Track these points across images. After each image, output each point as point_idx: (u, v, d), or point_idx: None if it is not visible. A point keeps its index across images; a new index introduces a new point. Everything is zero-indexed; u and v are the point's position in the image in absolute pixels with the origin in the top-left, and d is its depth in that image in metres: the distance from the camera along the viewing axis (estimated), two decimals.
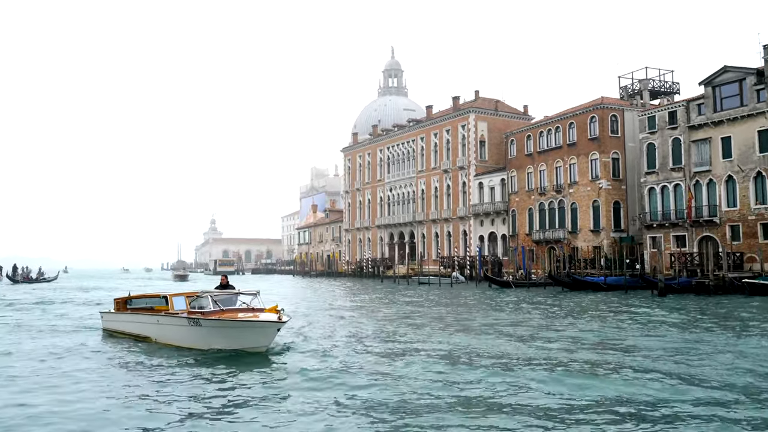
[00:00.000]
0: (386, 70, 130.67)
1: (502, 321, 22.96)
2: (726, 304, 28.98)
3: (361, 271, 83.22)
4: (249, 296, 16.54)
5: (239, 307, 16.01)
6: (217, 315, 15.22)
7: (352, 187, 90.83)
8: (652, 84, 57.26)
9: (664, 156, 47.83)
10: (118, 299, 20.42)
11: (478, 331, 19.72)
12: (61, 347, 16.83)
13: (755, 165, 42.13)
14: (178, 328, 16.06)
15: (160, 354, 15.42)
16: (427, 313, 26.47)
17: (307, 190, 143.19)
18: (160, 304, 17.84)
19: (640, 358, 14.14)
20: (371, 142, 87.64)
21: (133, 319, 18.44)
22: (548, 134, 59.02)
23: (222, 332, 14.92)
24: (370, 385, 11.53)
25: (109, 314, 20.38)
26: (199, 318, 15.29)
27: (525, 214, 61.19)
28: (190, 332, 15.57)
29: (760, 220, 41.65)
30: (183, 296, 17.22)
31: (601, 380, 11.77)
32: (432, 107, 77.75)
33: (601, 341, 17.26)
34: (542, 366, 13.21)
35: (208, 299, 15.86)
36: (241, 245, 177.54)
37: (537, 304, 30.93)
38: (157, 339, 17.01)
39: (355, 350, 16.08)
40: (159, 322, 16.94)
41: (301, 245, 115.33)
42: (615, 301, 31.91)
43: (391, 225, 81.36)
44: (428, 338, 18.06)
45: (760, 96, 42.16)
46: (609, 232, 52.59)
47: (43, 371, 13.37)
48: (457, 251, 68.95)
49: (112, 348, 16.90)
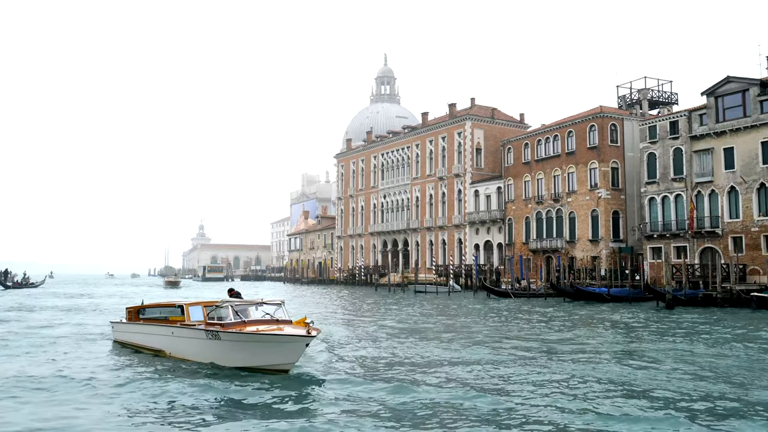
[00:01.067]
0: (379, 77, 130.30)
1: (541, 338, 20.86)
2: (742, 319, 28.21)
3: (353, 279, 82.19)
4: (273, 306, 15.14)
5: (262, 318, 14.63)
6: (238, 327, 13.84)
7: (345, 194, 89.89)
8: (651, 94, 56.93)
9: (665, 166, 47.34)
10: (131, 308, 18.89)
11: (519, 348, 18.24)
12: (67, 365, 15.17)
13: (759, 176, 41.68)
14: (194, 342, 14.64)
15: (173, 371, 13.98)
16: (443, 326, 25.17)
17: (297, 197, 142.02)
18: (175, 314, 16.33)
19: None
20: (365, 148, 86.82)
21: (146, 331, 17.04)
22: (546, 142, 58.46)
23: (243, 347, 13.52)
24: (412, 411, 10.38)
25: (121, 324, 18.94)
26: (218, 330, 13.86)
27: (522, 223, 60.52)
28: (208, 346, 14.15)
29: (763, 232, 41.17)
30: (200, 305, 15.72)
31: None
32: (428, 114, 77.08)
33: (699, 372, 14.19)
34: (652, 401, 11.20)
35: (228, 309, 14.49)
36: (229, 251, 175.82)
37: (555, 318, 29.94)
38: (172, 353, 15.65)
39: (386, 367, 14.76)
40: (174, 334, 15.54)
41: (292, 252, 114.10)
42: (630, 315, 30.39)
43: (384, 232, 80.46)
44: (461, 358, 16.17)
45: (764, 107, 41.79)
46: (608, 242, 52.00)
47: (46, 387, 12.25)
48: (452, 260, 68.12)
49: (121, 363, 15.53)
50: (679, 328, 23.83)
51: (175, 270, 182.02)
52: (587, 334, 22.06)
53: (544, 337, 20.84)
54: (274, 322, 14.34)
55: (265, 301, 15.34)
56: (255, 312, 14.82)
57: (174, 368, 14.22)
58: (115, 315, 31.61)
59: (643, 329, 23.80)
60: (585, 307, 36.58)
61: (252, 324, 14.04)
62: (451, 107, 72.24)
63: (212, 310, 14.83)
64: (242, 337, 13.47)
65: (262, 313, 14.84)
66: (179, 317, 15.95)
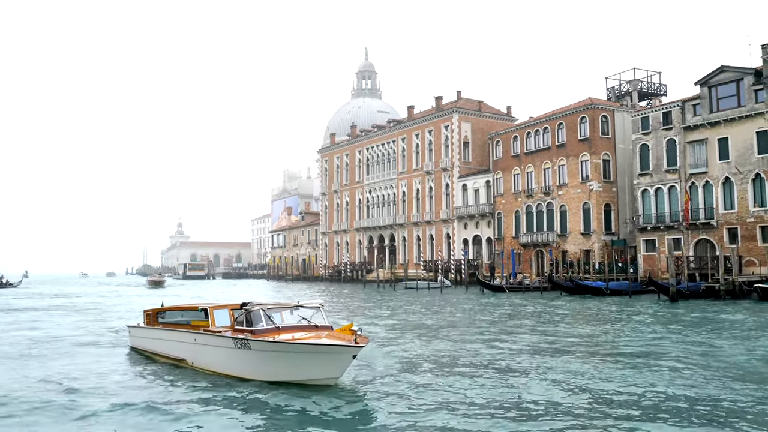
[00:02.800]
0: (360, 71, 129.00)
1: (568, 333, 19.70)
2: (753, 311, 27.54)
3: (339, 276, 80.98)
4: (310, 310, 13.24)
5: (298, 324, 12.75)
6: (272, 335, 12.01)
7: (330, 189, 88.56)
8: (640, 85, 56.49)
9: (658, 157, 46.83)
10: (149, 311, 16.96)
11: (559, 349, 16.98)
12: (82, 377, 13.38)
13: (753, 167, 41.31)
14: (220, 351, 12.81)
15: (195, 384, 12.22)
16: (467, 325, 23.46)
17: (278, 193, 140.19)
18: (198, 319, 14.38)
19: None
20: (349, 143, 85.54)
21: (166, 337, 15.18)
22: (536, 135, 57.75)
23: (278, 358, 11.69)
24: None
25: (138, 329, 17.11)
26: (248, 339, 12.00)
27: (511, 217, 59.79)
28: (237, 356, 12.33)
29: (759, 223, 40.82)
30: (226, 309, 13.89)
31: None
32: (413, 107, 76.02)
33: None
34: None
35: (259, 314, 12.60)
36: (209, 249, 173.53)
37: (568, 313, 29.00)
38: (194, 363, 13.79)
39: (439, 376, 12.82)
40: (196, 341, 13.65)
41: (275, 249, 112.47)
42: (640, 309, 29.28)
43: (370, 228, 79.31)
44: (519, 363, 14.39)
45: (758, 96, 41.40)
46: (600, 235, 51.44)
47: (56, 405, 10.71)
48: (441, 255, 67.23)
49: (136, 374, 13.83)
50: (704, 323, 22.95)
51: (154, 268, 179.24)
52: (625, 332, 20.44)
53: (576, 338, 19.56)
54: (312, 328, 12.58)
55: (302, 304, 13.43)
56: (290, 316, 13.01)
57: (196, 382, 12.48)
58: (114, 315, 30.01)
59: (669, 324, 22.56)
60: (588, 301, 35.70)
61: (287, 331, 12.30)
62: (437, 100, 71.28)
63: (240, 314, 13.09)
64: (277, 347, 11.64)
65: (297, 317, 13.00)
66: (203, 322, 14.03)
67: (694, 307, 29.22)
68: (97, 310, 34.60)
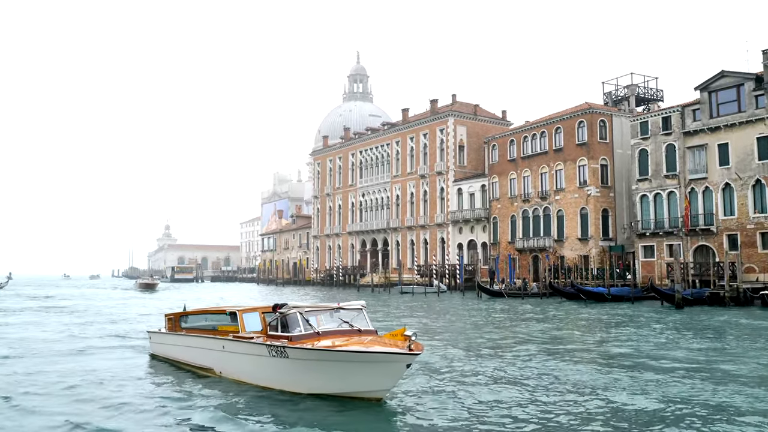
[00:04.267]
0: (351, 75, 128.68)
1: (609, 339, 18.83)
2: (763, 317, 27.24)
3: (331, 280, 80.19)
4: (352, 312, 11.94)
5: (339, 328, 11.54)
6: (311, 341, 10.74)
7: (322, 192, 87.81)
8: (638, 90, 56.40)
9: (657, 162, 46.65)
10: (171, 315, 15.73)
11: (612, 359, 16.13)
12: (95, 389, 12.25)
13: (754, 173, 41.18)
14: (252, 359, 11.58)
15: (224, 397, 11.03)
16: (492, 332, 22.63)
17: (269, 196, 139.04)
18: (225, 323, 13.13)
19: None
20: (343, 145, 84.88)
21: (190, 343, 13.90)
22: (533, 139, 57.44)
23: (321, 368, 10.36)
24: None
25: (159, 335, 15.87)
26: (284, 346, 10.76)
27: (507, 222, 59.41)
28: (272, 366, 11.08)
29: (759, 229, 40.66)
30: (257, 312, 12.73)
31: None
32: (408, 110, 75.53)
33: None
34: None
35: (296, 317, 11.37)
36: (197, 252, 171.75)
37: (583, 319, 28.56)
38: (223, 372, 12.59)
39: (495, 392, 11.60)
40: (225, 348, 12.45)
41: (265, 252, 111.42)
42: (649, 316, 28.58)
43: (363, 231, 78.64)
44: (565, 374, 13.38)
45: (759, 102, 41.31)
46: (597, 241, 51.15)
47: (73, 417, 9.86)
48: (435, 259, 66.72)
49: (158, 384, 12.67)
50: (726, 330, 22.43)
51: (140, 270, 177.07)
52: (656, 342, 19.45)
53: (602, 347, 18.88)
54: (355, 332, 11.36)
55: (343, 306, 12.06)
56: (329, 320, 11.82)
57: (225, 393, 11.30)
58: (120, 319, 28.74)
59: (687, 332, 21.96)
60: (592, 308, 35.15)
61: (328, 336, 11.02)
62: (432, 103, 70.86)
63: (274, 317, 11.84)
64: (319, 355, 10.30)
65: (338, 321, 11.77)
66: (231, 327, 12.76)
67: (704, 314, 28.77)
68: (102, 314, 33.07)
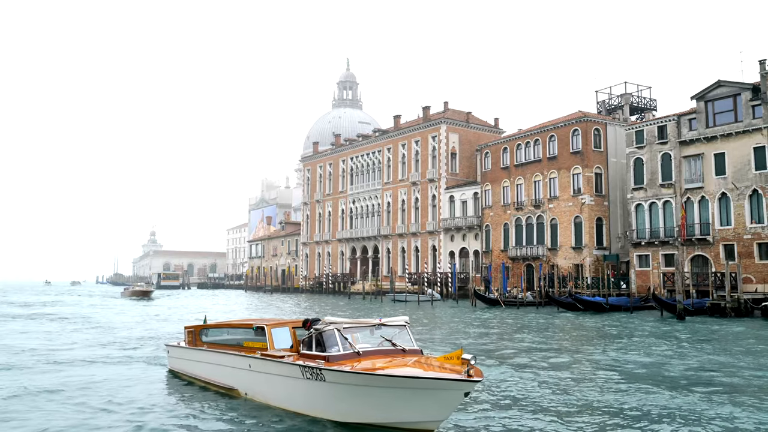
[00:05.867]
0: (341, 81, 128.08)
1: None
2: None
3: (320, 287, 79.21)
4: (395, 328, 10.50)
5: (381, 347, 10.08)
6: (351, 362, 9.43)
7: (312, 199, 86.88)
8: (631, 99, 56.18)
9: (652, 171, 46.28)
10: (191, 327, 14.32)
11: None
12: (108, 409, 11.21)
13: (751, 182, 40.88)
14: (283, 381, 10.25)
15: (251, 421, 9.89)
16: (518, 343, 21.78)
17: (256, 202, 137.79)
18: (251, 339, 11.74)
19: None
20: (333, 152, 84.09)
21: (212, 360, 12.68)
22: (527, 147, 56.98)
23: (364, 394, 8.98)
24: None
25: (178, 349, 14.57)
26: (321, 368, 9.43)
27: (500, 230, 58.83)
28: (306, 389, 9.80)
29: (756, 240, 40.32)
30: (287, 327, 11.34)
31: None
32: (400, 117, 74.91)
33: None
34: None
35: (333, 334, 9.95)
36: (183, 258, 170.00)
37: (594, 330, 27.76)
38: (249, 394, 11.37)
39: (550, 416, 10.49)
40: (251, 367, 11.16)
41: (253, 259, 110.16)
42: (660, 327, 27.89)
43: (353, 239, 77.77)
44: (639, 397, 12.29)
45: (756, 112, 41.07)
46: (592, 250, 50.65)
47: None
48: (426, 267, 65.97)
49: (175, 404, 11.57)
50: (740, 342, 21.83)
51: (126, 276, 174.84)
52: (680, 354, 18.78)
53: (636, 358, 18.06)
54: (399, 353, 9.94)
55: (385, 323, 10.56)
56: (369, 338, 10.43)
57: (252, 418, 10.09)
58: (125, 329, 26.89)
59: (711, 345, 21.21)
60: (593, 318, 34.43)
61: (369, 357, 9.67)
62: (425, 110, 70.32)
63: (307, 333, 10.50)
64: (362, 380, 8.90)
65: (379, 338, 10.32)
66: (258, 343, 11.42)
67: (709, 325, 28.24)
68: (112, 326, 30.55)
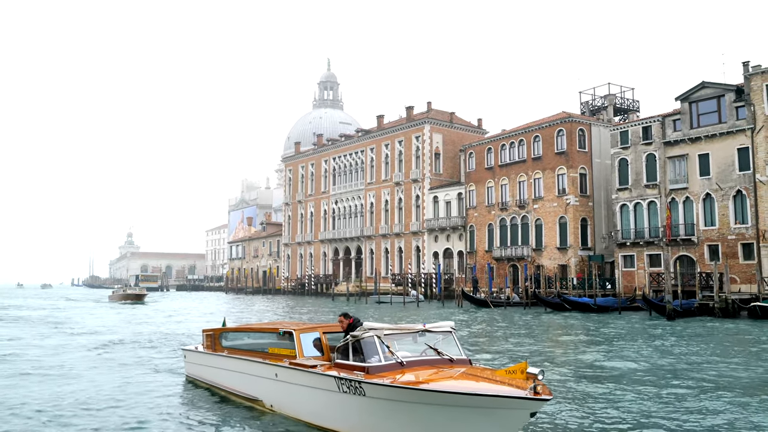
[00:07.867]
0: (322, 82, 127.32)
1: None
2: (762, 328, 26.66)
3: (302, 288, 78.45)
4: (438, 335, 9.16)
5: (427, 357, 8.73)
6: (394, 374, 8.12)
7: (293, 199, 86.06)
8: (615, 100, 56.38)
9: (637, 172, 46.38)
10: (209, 330, 12.99)
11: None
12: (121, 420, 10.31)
13: (735, 183, 41.11)
14: (315, 394, 8.95)
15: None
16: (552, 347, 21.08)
17: (236, 203, 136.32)
18: (277, 345, 10.38)
19: None
20: (315, 152, 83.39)
21: (232, 366, 11.44)
22: (511, 147, 56.88)
23: (410, 412, 7.64)
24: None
25: (196, 354, 13.31)
26: (360, 380, 8.10)
27: (484, 230, 58.66)
28: (342, 404, 8.49)
29: (740, 240, 40.56)
30: (317, 332, 10.06)
31: None
32: (383, 117, 74.50)
33: None
34: None
35: (374, 342, 8.60)
36: (161, 260, 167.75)
37: (594, 332, 27.54)
38: (275, 406, 10.07)
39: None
40: (278, 377, 9.85)
41: (233, 260, 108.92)
42: (654, 327, 27.78)
43: (336, 239, 77.15)
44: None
45: (740, 113, 41.33)
46: (576, 250, 50.66)
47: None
48: (410, 268, 65.60)
49: (191, 417, 10.46)
50: (739, 342, 21.64)
51: (102, 279, 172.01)
52: (688, 356, 18.27)
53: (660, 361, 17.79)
54: (446, 363, 8.58)
55: (429, 329, 9.19)
56: (412, 345, 9.08)
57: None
58: (129, 336, 25.29)
59: (716, 345, 21.03)
60: (584, 318, 34.20)
61: (413, 368, 8.31)
62: (408, 110, 69.97)
63: (342, 339, 9.16)
64: (410, 396, 7.57)
65: (423, 346, 9.00)
66: (285, 350, 10.02)
67: (700, 326, 28.19)
68: (103, 331, 28.68)
